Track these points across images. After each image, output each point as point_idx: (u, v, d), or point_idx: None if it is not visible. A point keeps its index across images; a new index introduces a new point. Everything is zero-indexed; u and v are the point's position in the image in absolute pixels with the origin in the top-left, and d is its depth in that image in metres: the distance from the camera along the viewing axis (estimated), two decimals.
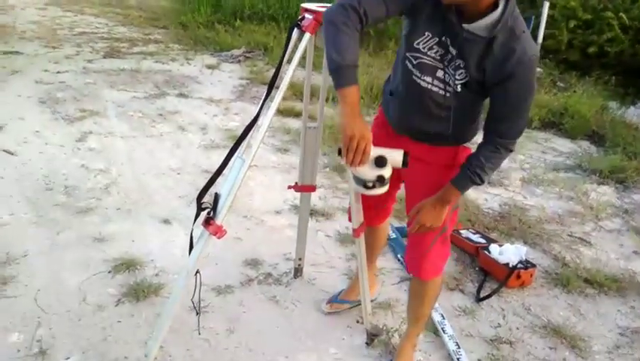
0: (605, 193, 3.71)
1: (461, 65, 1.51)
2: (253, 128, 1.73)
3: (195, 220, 1.69)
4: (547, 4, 8.26)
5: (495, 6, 1.43)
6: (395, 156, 1.51)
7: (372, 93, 5.26)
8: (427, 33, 1.52)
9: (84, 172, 3.39)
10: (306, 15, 1.72)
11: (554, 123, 5.11)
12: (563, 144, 4.74)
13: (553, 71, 7.21)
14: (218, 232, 1.63)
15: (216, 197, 1.68)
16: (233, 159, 1.71)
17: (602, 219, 3.33)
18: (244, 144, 1.74)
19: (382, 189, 1.54)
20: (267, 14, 7.81)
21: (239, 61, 6.36)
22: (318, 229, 2.94)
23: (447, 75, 1.54)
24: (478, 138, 1.66)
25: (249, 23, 7.65)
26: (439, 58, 1.53)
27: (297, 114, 4.49)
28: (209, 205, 1.68)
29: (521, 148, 4.47)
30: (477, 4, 1.42)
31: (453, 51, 1.50)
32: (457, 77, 1.53)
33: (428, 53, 1.54)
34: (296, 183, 2.19)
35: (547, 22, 8.45)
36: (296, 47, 1.73)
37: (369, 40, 7.23)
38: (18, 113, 4.21)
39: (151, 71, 5.71)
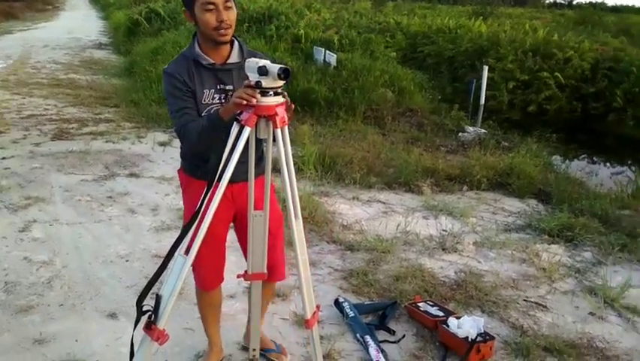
0: (556, 253, 3.78)
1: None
2: (194, 224, 1.70)
3: (136, 326, 1.61)
4: (486, 68, 8.70)
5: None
6: (273, 67, 1.69)
7: (325, 163, 5.30)
8: (205, 91, 1.97)
9: (26, 265, 3.24)
10: (244, 110, 1.74)
11: (502, 184, 5.25)
12: (512, 204, 4.86)
13: (497, 132, 7.49)
14: (161, 338, 1.56)
15: (158, 299, 1.61)
16: (174, 257, 1.66)
17: (556, 281, 3.38)
18: (185, 240, 1.69)
19: (270, 98, 1.72)
20: None
21: None
22: (274, 311, 2.86)
23: None
24: None
25: None
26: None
27: None
28: (150, 308, 1.61)
29: (472, 210, 4.55)
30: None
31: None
32: None
33: (213, 101, 1.98)
34: (245, 271, 2.14)
35: (487, 84, 8.88)
36: (236, 140, 1.74)
37: (319, 110, 7.39)
38: None
39: (101, 151, 5.63)
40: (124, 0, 23.99)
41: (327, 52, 8.50)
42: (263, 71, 1.71)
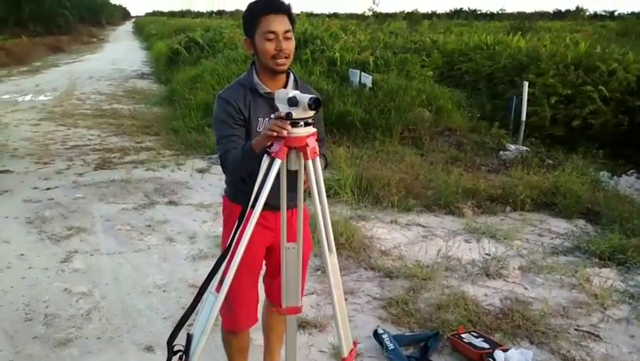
0: (608, 277, 3.58)
1: None
2: (226, 260, 1.66)
3: None
4: (526, 84, 8.52)
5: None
6: (303, 98, 1.66)
7: (362, 185, 5.23)
8: (259, 119, 1.96)
9: (66, 297, 3.28)
10: (275, 142, 1.71)
11: (547, 204, 5.05)
12: (559, 225, 4.66)
13: (540, 149, 7.27)
14: None
15: (189, 338, 1.58)
16: (205, 294, 1.63)
17: (609, 308, 3.18)
18: (216, 277, 1.66)
19: (301, 129, 1.67)
20: None
21: None
22: (311, 343, 2.79)
23: None
24: None
25: None
26: None
27: None
28: (181, 348, 1.57)
29: (517, 233, 4.38)
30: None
31: None
32: None
33: None
34: (279, 305, 2.08)
35: (528, 100, 8.67)
36: (267, 172, 1.70)
37: (355, 132, 7.35)
38: (3, 237, 4.16)
39: (141, 179, 5.73)
40: (165, 30, 24.83)
41: (363, 73, 8.49)
42: (293, 102, 1.68)
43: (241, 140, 1.93)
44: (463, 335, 2.75)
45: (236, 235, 1.70)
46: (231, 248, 1.67)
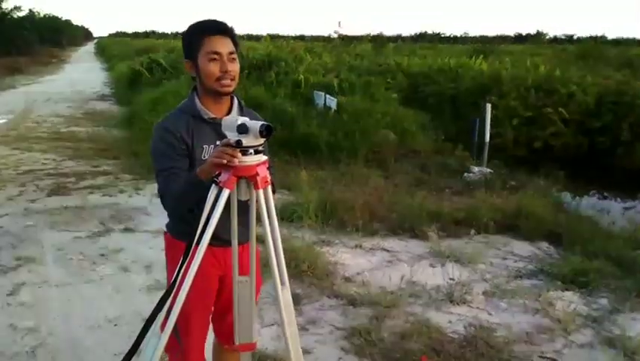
0: (571, 301, 3.57)
1: None
2: (170, 298, 1.54)
3: None
4: (489, 106, 8.64)
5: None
6: (254, 125, 1.58)
7: (326, 209, 5.15)
8: (204, 146, 1.85)
9: (11, 333, 3.08)
10: (223, 171, 1.61)
11: (510, 226, 5.06)
12: (522, 248, 4.66)
13: (503, 170, 7.34)
14: None
15: None
16: (147, 336, 1.50)
17: (572, 333, 3.15)
18: (160, 316, 1.53)
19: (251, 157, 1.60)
20: None
21: None
22: None
23: None
24: None
25: None
26: None
27: None
28: None
29: (481, 256, 4.36)
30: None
31: None
32: None
33: None
34: (232, 341, 1.96)
35: (491, 122, 8.80)
36: (215, 203, 1.60)
37: (319, 154, 7.30)
38: None
39: (97, 205, 5.52)
40: (128, 51, 24.56)
41: (328, 96, 8.49)
42: (243, 129, 1.59)
43: (183, 172, 1.81)
44: None
45: (181, 272, 1.59)
46: (176, 286, 1.55)
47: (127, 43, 38.47)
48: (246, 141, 1.59)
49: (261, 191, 1.64)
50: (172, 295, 1.60)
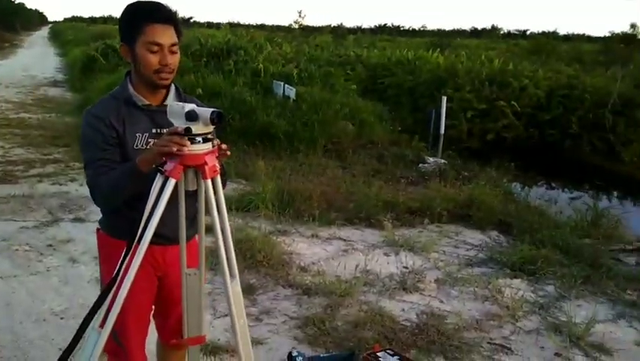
0: (519, 288, 3.68)
1: None
2: (111, 292, 1.50)
3: None
4: (444, 98, 8.77)
5: None
6: (204, 112, 1.54)
7: (283, 199, 5.13)
8: (137, 135, 1.75)
9: None
10: (168, 160, 1.57)
11: (463, 216, 5.17)
12: (474, 236, 4.77)
13: (457, 161, 7.50)
14: None
15: None
16: (87, 331, 1.46)
17: (520, 319, 3.25)
18: (100, 311, 1.49)
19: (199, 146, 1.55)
20: None
21: None
22: None
23: None
24: None
25: None
26: None
27: None
28: None
29: (434, 245, 4.44)
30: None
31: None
32: None
33: (148, 147, 1.75)
34: (181, 335, 1.93)
35: (446, 114, 8.94)
36: (159, 194, 1.56)
37: (278, 144, 7.26)
38: None
39: (46, 194, 5.33)
40: (83, 36, 23.76)
41: (287, 86, 8.44)
42: (192, 116, 1.53)
43: (114, 163, 1.70)
44: (378, 354, 2.69)
45: (122, 270, 1.53)
46: (117, 281, 1.51)
47: (83, 29, 37.12)
48: (196, 128, 1.55)
49: (209, 181, 1.60)
50: (112, 292, 1.54)
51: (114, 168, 1.69)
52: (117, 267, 1.53)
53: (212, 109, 1.55)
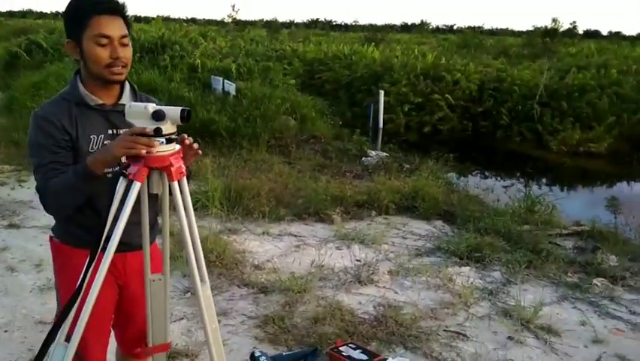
0: (468, 275, 3.81)
1: None
2: (76, 304, 1.42)
3: None
4: (382, 92, 8.95)
5: None
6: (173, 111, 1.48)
7: (231, 197, 5.05)
8: (92, 137, 1.66)
9: None
10: (132, 163, 1.49)
11: (408, 207, 5.29)
12: (420, 227, 4.89)
13: (398, 154, 7.65)
14: None
15: None
16: (51, 347, 1.37)
17: (472, 305, 3.37)
18: (66, 324, 1.41)
19: (164, 147, 1.48)
20: None
21: None
22: None
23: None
24: None
25: None
26: None
27: None
28: None
29: (383, 237, 4.51)
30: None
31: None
32: None
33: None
34: (145, 344, 1.85)
35: (384, 108, 9.11)
36: (124, 198, 1.49)
37: (221, 141, 7.14)
38: None
39: None
40: (2, 32, 22.35)
41: (226, 81, 8.30)
42: (160, 116, 1.46)
43: (65, 167, 1.59)
44: (341, 348, 2.71)
45: (87, 278, 1.45)
46: (82, 292, 1.42)
47: (0, 23, 34.80)
48: (164, 128, 1.49)
49: (175, 183, 1.54)
50: (77, 304, 1.46)
51: (65, 172, 1.59)
52: (80, 277, 1.45)
53: (179, 107, 1.49)
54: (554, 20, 21.65)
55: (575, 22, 36.99)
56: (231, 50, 11.90)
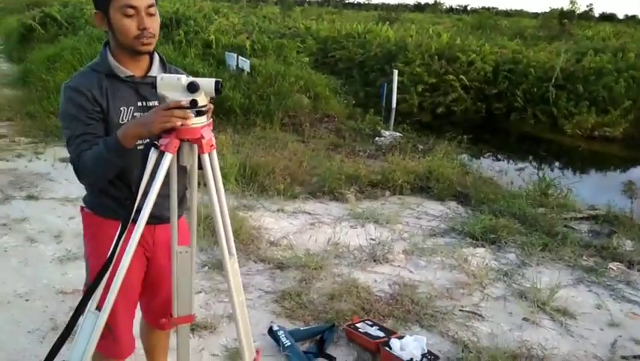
0: (483, 257, 3.81)
1: None
2: (107, 273, 1.43)
3: None
4: (396, 72, 8.84)
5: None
6: (207, 82, 1.48)
7: (245, 174, 5.07)
8: (122, 109, 1.65)
9: None
10: (164, 134, 1.50)
11: (422, 187, 5.28)
12: (434, 207, 4.88)
13: (411, 134, 7.61)
14: None
15: None
16: (83, 314, 1.39)
17: (487, 286, 3.38)
18: (97, 293, 1.43)
19: (195, 119, 1.48)
20: None
21: None
22: (202, 347, 2.61)
23: None
24: None
25: None
26: None
27: None
28: None
29: (398, 216, 4.51)
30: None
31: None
32: None
33: None
34: (170, 315, 1.88)
35: (398, 88, 9.02)
36: (155, 169, 1.49)
37: (235, 117, 7.13)
38: None
39: None
40: (16, 3, 22.28)
41: (240, 57, 8.25)
42: (194, 88, 1.45)
43: (98, 138, 1.59)
44: (358, 325, 2.74)
45: (117, 249, 1.47)
46: (112, 263, 1.44)
47: None
48: (199, 100, 1.48)
49: (206, 155, 1.55)
50: (107, 275, 1.48)
51: (97, 144, 1.59)
52: (111, 248, 1.46)
53: (213, 79, 1.48)
54: (572, 2, 21.25)
55: (591, 4, 36.24)
56: (244, 27, 11.80)
